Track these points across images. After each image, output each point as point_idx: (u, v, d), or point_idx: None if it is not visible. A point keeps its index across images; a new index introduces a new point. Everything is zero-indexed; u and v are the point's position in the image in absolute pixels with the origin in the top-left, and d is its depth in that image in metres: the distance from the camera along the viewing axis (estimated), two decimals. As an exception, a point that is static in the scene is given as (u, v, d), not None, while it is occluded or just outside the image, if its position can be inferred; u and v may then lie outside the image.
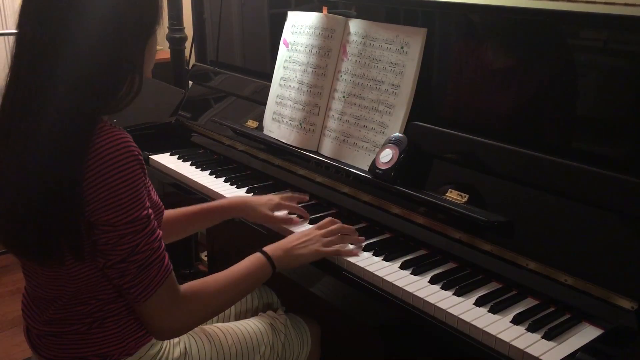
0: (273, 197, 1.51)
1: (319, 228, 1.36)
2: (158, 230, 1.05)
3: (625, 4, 1.35)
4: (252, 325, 1.38)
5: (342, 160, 1.56)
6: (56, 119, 0.97)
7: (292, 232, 1.41)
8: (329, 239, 1.33)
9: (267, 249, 1.28)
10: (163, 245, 1.06)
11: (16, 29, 1.02)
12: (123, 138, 0.99)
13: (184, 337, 1.25)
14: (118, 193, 0.97)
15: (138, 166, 1.00)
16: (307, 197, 1.57)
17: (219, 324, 1.38)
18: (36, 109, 0.98)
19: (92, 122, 0.98)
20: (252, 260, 1.25)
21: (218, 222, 1.49)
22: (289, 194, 1.55)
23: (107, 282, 1.08)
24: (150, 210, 1.03)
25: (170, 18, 2.52)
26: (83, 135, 0.96)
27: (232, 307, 1.50)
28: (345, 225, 1.38)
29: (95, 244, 1.01)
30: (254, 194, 1.62)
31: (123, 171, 0.97)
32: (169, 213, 1.42)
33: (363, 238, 1.37)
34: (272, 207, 1.48)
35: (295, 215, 1.50)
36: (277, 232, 1.46)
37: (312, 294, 1.39)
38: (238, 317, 1.50)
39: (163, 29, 2.69)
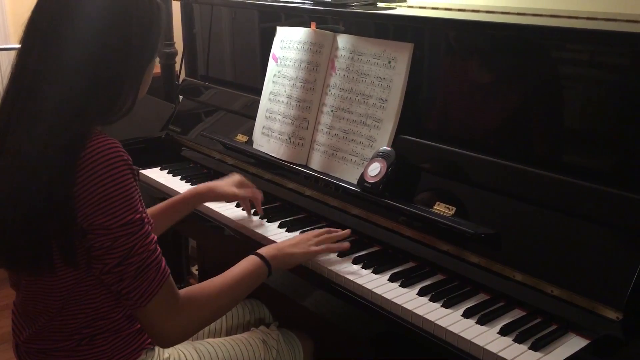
0: (234, 175, 1.62)
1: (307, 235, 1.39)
2: (153, 235, 1.06)
3: (607, 19, 1.39)
4: (243, 341, 1.38)
5: (331, 174, 1.58)
6: (52, 126, 0.99)
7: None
8: (318, 238, 1.36)
9: (260, 250, 1.30)
10: (159, 249, 1.07)
11: (20, 43, 1.05)
12: (112, 143, 1.01)
13: (174, 353, 1.25)
14: (110, 196, 0.99)
15: (129, 170, 1.02)
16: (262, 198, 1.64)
17: (210, 339, 1.38)
18: (33, 114, 1.01)
19: (85, 133, 1.00)
20: (247, 261, 1.26)
21: (186, 213, 1.54)
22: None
23: (96, 295, 1.08)
24: (144, 215, 1.04)
25: (160, 33, 2.53)
26: (76, 143, 0.99)
27: (224, 322, 1.51)
28: (332, 229, 1.41)
29: (90, 250, 1.02)
30: (244, 207, 1.63)
31: (114, 174, 0.99)
32: None
33: (348, 244, 1.39)
34: (236, 184, 1.58)
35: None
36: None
37: (304, 308, 1.39)
38: (230, 332, 1.50)
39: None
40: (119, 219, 0.99)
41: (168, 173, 1.93)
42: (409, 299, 1.21)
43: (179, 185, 1.82)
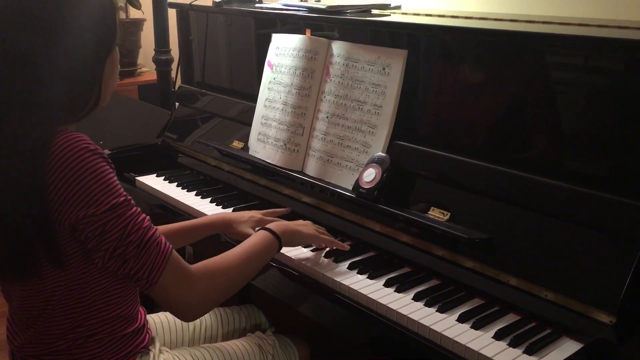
0: (254, 214, 1.50)
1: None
2: (144, 215, 1.06)
3: (599, 25, 1.40)
4: (239, 346, 1.38)
5: (327, 180, 1.58)
6: (15, 133, 0.99)
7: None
8: (322, 230, 1.42)
9: (269, 225, 1.34)
10: (155, 227, 1.07)
11: None
12: (76, 137, 1.01)
13: (169, 358, 1.25)
14: (86, 187, 0.99)
15: (99, 158, 1.01)
16: (288, 210, 1.59)
17: (206, 345, 1.38)
18: None
19: (52, 133, 1.00)
20: (258, 235, 1.29)
21: (199, 239, 1.49)
22: (270, 210, 1.56)
23: (88, 293, 1.08)
24: (128, 197, 1.04)
25: (156, 40, 2.54)
26: (41, 146, 0.99)
27: (220, 327, 1.51)
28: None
29: (85, 243, 1.02)
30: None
31: (84, 165, 0.99)
32: None
33: (348, 247, 1.42)
34: (254, 225, 1.46)
35: None
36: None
37: (301, 314, 1.40)
38: (225, 338, 1.50)
39: (149, 50, 2.72)
40: (102, 205, 1.00)
41: (164, 180, 1.93)
42: (404, 304, 1.21)
43: (175, 192, 1.83)
